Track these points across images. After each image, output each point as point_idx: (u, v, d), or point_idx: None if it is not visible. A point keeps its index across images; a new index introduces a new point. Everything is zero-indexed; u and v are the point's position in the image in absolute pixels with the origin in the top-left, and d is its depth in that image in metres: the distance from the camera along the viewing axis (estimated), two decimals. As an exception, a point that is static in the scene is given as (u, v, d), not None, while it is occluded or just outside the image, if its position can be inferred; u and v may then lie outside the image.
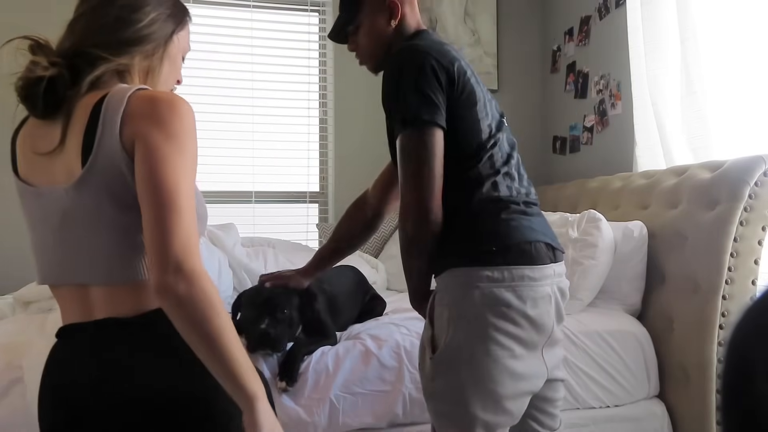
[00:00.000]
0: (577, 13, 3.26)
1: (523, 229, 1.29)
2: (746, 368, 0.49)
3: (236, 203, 3.31)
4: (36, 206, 0.98)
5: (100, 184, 0.91)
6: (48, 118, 0.95)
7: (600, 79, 3.06)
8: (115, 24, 0.99)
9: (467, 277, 1.26)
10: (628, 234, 2.21)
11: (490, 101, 1.40)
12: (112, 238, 0.93)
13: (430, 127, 1.26)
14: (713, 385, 1.89)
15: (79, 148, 0.91)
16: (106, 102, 0.92)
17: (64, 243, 0.96)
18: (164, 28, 1.05)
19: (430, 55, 1.29)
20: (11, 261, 2.94)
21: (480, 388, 1.25)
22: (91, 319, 0.96)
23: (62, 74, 0.93)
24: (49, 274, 1.00)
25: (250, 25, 3.36)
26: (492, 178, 1.31)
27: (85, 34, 0.98)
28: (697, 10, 2.29)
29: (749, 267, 1.90)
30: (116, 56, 0.98)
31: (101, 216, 0.92)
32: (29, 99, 0.93)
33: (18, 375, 1.59)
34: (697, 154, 2.32)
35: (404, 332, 1.94)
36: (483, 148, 1.32)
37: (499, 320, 1.24)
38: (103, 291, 0.95)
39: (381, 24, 1.43)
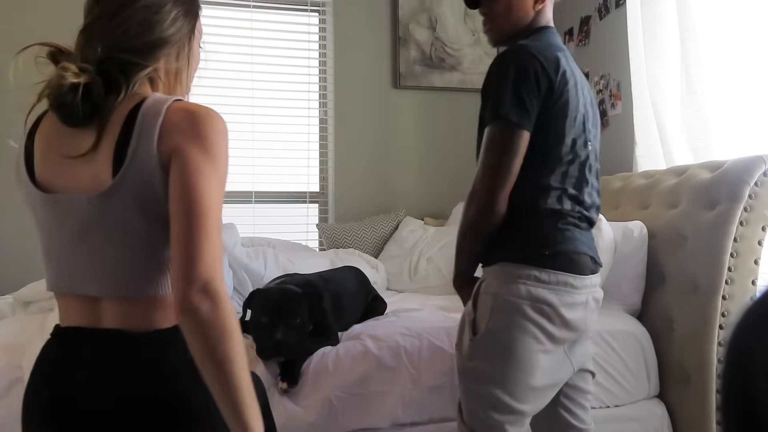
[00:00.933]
0: (577, 13, 3.26)
1: (574, 240, 1.39)
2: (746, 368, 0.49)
3: (236, 203, 3.31)
4: (52, 213, 0.95)
5: (130, 194, 0.89)
6: (84, 126, 0.91)
7: (600, 79, 3.06)
8: (139, 27, 0.95)
9: (517, 272, 1.35)
10: (628, 234, 2.21)
11: (590, 119, 1.46)
12: (134, 251, 0.92)
13: (517, 129, 1.33)
14: (713, 385, 1.89)
15: (111, 157, 0.89)
16: (142, 112, 0.90)
17: (81, 253, 0.93)
18: (185, 25, 1.03)
19: (537, 60, 1.34)
20: (11, 261, 2.94)
21: (511, 375, 1.35)
22: (99, 327, 0.94)
23: (96, 81, 0.90)
24: (60, 283, 0.98)
25: (250, 25, 3.36)
26: (558, 192, 1.39)
27: (110, 40, 0.93)
28: (697, 10, 2.29)
29: (749, 267, 1.90)
30: (147, 61, 0.95)
31: (127, 227, 0.90)
32: (64, 107, 0.90)
33: (18, 375, 1.59)
34: (697, 154, 2.32)
35: (404, 332, 1.94)
36: (560, 161, 1.38)
37: (537, 315, 1.34)
38: (115, 303, 0.93)
39: (527, 4, 1.47)
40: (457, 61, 3.54)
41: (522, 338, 1.34)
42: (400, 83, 3.48)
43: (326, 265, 2.72)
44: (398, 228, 3.28)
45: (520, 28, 1.47)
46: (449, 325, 1.98)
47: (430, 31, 3.53)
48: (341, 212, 3.43)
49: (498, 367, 1.35)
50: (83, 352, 0.94)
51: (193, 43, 1.06)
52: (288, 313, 1.74)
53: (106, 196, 0.89)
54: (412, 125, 3.52)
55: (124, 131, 0.89)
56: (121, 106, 0.92)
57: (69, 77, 0.88)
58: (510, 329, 1.34)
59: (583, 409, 1.51)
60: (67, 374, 0.94)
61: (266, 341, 1.72)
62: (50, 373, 0.96)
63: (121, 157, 0.89)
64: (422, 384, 1.85)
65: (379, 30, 3.49)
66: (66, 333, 0.97)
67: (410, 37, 3.49)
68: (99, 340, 0.93)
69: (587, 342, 1.50)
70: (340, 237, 3.21)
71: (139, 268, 0.92)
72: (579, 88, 1.42)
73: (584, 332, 1.45)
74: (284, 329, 1.71)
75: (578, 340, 1.44)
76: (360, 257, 2.95)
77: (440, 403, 1.86)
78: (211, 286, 0.83)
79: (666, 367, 2.09)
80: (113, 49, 0.93)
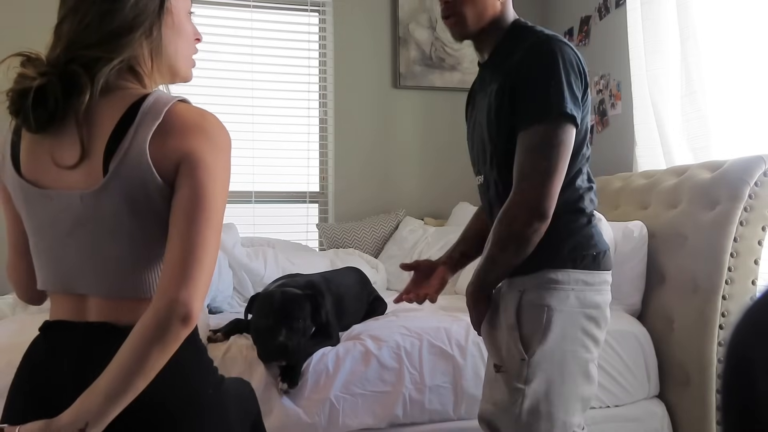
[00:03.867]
0: (577, 13, 3.26)
1: (602, 237, 1.37)
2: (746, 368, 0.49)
3: (236, 203, 3.31)
4: (43, 210, 0.93)
5: (122, 192, 0.88)
6: (43, 131, 0.89)
7: (600, 79, 3.06)
8: (100, 19, 0.90)
9: (564, 278, 1.29)
10: (628, 234, 2.21)
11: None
12: (125, 250, 0.91)
13: (572, 126, 1.23)
14: (713, 385, 1.89)
15: (102, 155, 0.88)
16: (142, 111, 0.88)
17: (71, 251, 0.93)
18: (150, 3, 0.95)
19: (576, 53, 1.27)
20: (11, 261, 2.94)
21: (564, 389, 1.29)
22: (84, 320, 0.94)
23: (51, 83, 0.87)
24: (48, 281, 0.97)
25: (250, 25, 3.36)
26: (589, 191, 1.36)
27: (73, 38, 0.90)
28: (697, 10, 2.29)
29: (749, 267, 1.90)
30: (113, 53, 0.91)
31: (117, 226, 0.90)
32: (20, 113, 0.88)
33: (18, 375, 1.59)
34: (697, 154, 2.32)
35: (404, 332, 1.94)
36: (584, 158, 1.36)
37: (589, 323, 1.30)
38: (102, 300, 0.93)
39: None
40: (457, 61, 3.54)
41: (573, 349, 1.28)
42: (400, 83, 3.48)
43: (326, 265, 2.72)
44: (398, 228, 3.28)
45: (486, 21, 1.36)
46: (449, 325, 1.98)
47: (430, 31, 3.53)
48: (341, 212, 3.43)
49: (553, 383, 1.27)
50: (68, 344, 0.93)
51: (167, 17, 0.97)
52: (290, 316, 1.73)
53: (97, 194, 0.88)
54: (412, 125, 3.52)
55: (117, 129, 0.88)
56: (108, 104, 0.90)
57: (25, 83, 0.86)
58: (563, 342, 1.27)
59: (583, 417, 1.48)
60: (53, 366, 0.93)
61: (268, 345, 1.71)
62: (37, 365, 0.96)
63: (111, 154, 0.87)
64: (422, 384, 1.85)
65: (379, 30, 3.49)
66: (52, 327, 0.97)
67: (410, 37, 3.49)
68: (83, 333, 0.93)
69: None
70: (340, 237, 3.21)
71: (127, 267, 0.92)
72: None
73: None
74: (287, 332, 1.70)
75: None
76: (360, 257, 2.95)
77: (440, 403, 1.86)
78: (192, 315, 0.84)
79: (666, 367, 2.09)
80: (76, 47, 0.90)
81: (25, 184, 0.93)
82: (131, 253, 0.91)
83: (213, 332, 1.81)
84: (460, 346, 1.92)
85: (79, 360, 0.91)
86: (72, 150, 0.89)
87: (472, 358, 1.90)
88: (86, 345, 0.92)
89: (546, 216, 1.22)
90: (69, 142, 0.90)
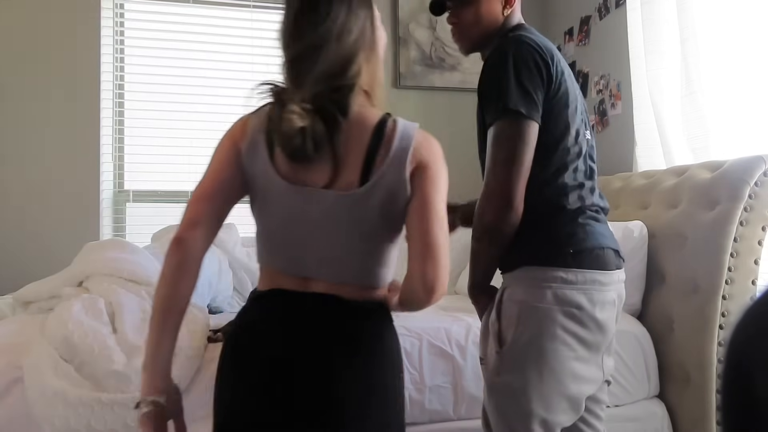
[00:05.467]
0: (577, 13, 3.26)
1: (596, 235, 1.34)
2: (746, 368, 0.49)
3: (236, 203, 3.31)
4: (295, 202, 1.04)
5: (376, 199, 1.02)
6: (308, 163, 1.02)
7: (600, 79, 3.06)
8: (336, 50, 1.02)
9: (542, 275, 1.29)
10: (628, 234, 2.21)
11: (583, 111, 1.43)
12: (366, 245, 1.06)
13: (527, 120, 1.27)
14: (713, 385, 1.89)
15: (360, 167, 1.02)
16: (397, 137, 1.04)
17: (314, 241, 1.05)
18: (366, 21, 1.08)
19: (535, 50, 1.30)
20: (11, 261, 2.94)
21: (543, 386, 1.29)
22: (307, 291, 1.05)
23: (317, 122, 0.99)
24: (276, 261, 1.09)
25: (250, 25, 3.36)
26: (578, 188, 1.35)
27: (318, 72, 1.01)
28: (697, 10, 2.29)
29: (749, 267, 1.90)
30: (352, 79, 1.04)
31: (365, 226, 1.04)
32: (292, 149, 1.00)
33: (18, 375, 1.59)
34: (697, 154, 2.32)
35: (404, 332, 1.94)
36: (570, 153, 1.35)
37: (568, 321, 1.28)
38: (328, 284, 1.06)
39: (495, 9, 1.44)
40: (457, 61, 3.54)
41: (553, 347, 1.28)
42: (400, 83, 3.48)
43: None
44: (398, 228, 3.27)
45: (490, 34, 1.44)
46: (449, 325, 1.98)
47: (430, 31, 3.53)
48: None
49: (530, 379, 1.29)
50: (289, 305, 1.05)
51: (376, 32, 1.11)
52: None
53: (353, 198, 1.02)
54: (412, 125, 3.51)
55: (371, 145, 1.03)
56: (358, 124, 1.04)
57: (296, 121, 0.97)
58: (539, 338, 1.28)
59: (600, 420, 1.45)
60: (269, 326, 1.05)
61: None
62: (252, 326, 1.07)
63: (369, 166, 1.02)
64: (422, 384, 1.85)
65: (379, 30, 3.49)
66: (270, 293, 1.08)
67: (410, 37, 3.50)
68: (306, 299, 1.04)
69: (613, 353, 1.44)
70: (340, 237, 3.21)
71: (362, 258, 1.06)
72: (573, 81, 1.40)
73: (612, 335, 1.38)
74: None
75: (610, 350, 1.38)
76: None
77: (440, 403, 1.86)
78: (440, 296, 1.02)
79: (666, 367, 2.09)
80: (321, 82, 1.01)
81: (279, 180, 1.04)
82: (368, 248, 1.06)
83: (213, 332, 1.81)
84: (460, 346, 1.92)
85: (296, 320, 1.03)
86: (327, 170, 1.03)
87: (472, 358, 1.90)
88: (311, 308, 1.04)
89: (510, 203, 1.27)
90: (325, 162, 1.03)
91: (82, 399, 1.53)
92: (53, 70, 3.06)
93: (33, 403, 1.54)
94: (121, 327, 1.70)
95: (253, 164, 1.07)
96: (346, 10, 1.04)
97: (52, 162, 3.05)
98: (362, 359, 1.04)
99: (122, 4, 3.28)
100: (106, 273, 1.93)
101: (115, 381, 1.56)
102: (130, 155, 3.26)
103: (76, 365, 1.59)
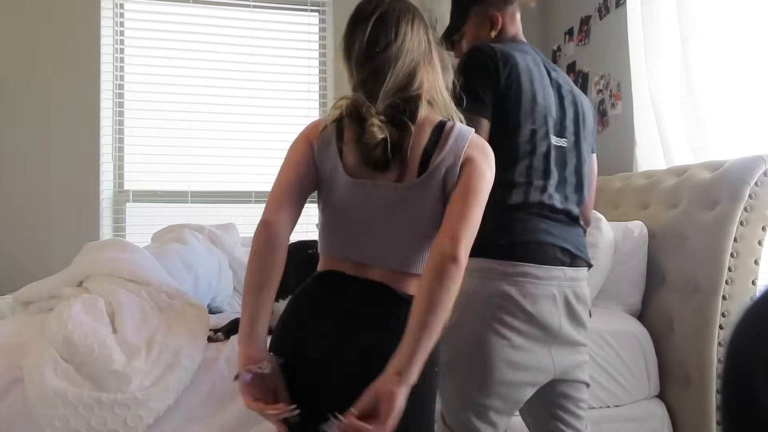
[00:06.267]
0: (577, 13, 3.26)
1: (537, 231, 1.37)
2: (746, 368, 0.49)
3: (236, 203, 3.31)
4: (358, 194, 1.16)
5: (429, 190, 1.13)
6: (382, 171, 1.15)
7: (600, 79, 3.06)
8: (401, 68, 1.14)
9: (475, 265, 1.30)
10: (628, 234, 2.21)
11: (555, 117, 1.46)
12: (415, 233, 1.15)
13: (474, 115, 1.35)
14: (713, 385, 1.89)
15: (418, 163, 1.13)
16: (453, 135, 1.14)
17: (376, 230, 1.15)
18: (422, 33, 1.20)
19: (484, 53, 1.42)
20: (11, 261, 2.94)
21: (477, 370, 1.35)
22: (363, 277, 1.14)
23: (393, 133, 1.11)
24: (337, 248, 1.19)
25: (250, 25, 3.36)
26: (524, 186, 1.38)
27: (386, 89, 1.13)
28: (697, 10, 2.29)
29: (749, 267, 1.90)
30: (416, 90, 1.15)
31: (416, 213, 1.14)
32: (373, 159, 1.13)
33: (18, 375, 1.59)
34: (697, 154, 2.32)
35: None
36: (519, 151, 1.39)
37: (497, 311, 1.33)
38: (384, 271, 1.15)
39: (483, 34, 1.57)
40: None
41: (485, 335, 1.33)
42: (400, 83, 3.47)
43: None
44: (398, 228, 3.27)
45: None
46: (449, 325, 1.98)
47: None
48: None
49: (464, 362, 1.35)
50: (344, 287, 1.15)
51: (433, 48, 1.22)
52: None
53: (411, 187, 1.13)
54: (412, 125, 3.52)
55: (429, 141, 1.14)
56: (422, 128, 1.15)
57: (377, 133, 1.10)
58: (473, 325, 1.34)
59: (578, 418, 1.48)
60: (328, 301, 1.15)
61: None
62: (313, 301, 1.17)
63: (427, 159, 1.13)
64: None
65: (379, 30, 3.49)
66: (330, 273, 1.18)
67: (410, 37, 3.49)
68: (359, 283, 1.15)
69: (576, 352, 1.45)
70: (340, 237, 3.21)
71: (416, 247, 1.15)
72: (544, 85, 1.45)
73: (565, 335, 1.39)
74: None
75: (567, 345, 1.40)
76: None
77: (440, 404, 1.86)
78: (466, 251, 1.07)
79: (666, 367, 2.09)
80: (392, 95, 1.13)
81: (345, 176, 1.16)
82: (419, 236, 1.15)
83: (213, 332, 1.81)
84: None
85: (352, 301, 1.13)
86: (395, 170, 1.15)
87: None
88: (361, 291, 1.14)
89: None
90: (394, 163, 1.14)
91: (82, 399, 1.53)
92: (53, 70, 3.06)
93: (33, 403, 1.54)
94: (121, 327, 1.70)
95: (324, 160, 1.19)
96: (410, 30, 1.17)
97: (52, 162, 3.05)
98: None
99: (122, 4, 3.28)
100: (106, 273, 1.93)
101: (115, 381, 1.56)
102: (130, 155, 3.26)
103: (76, 365, 1.59)
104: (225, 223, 2.81)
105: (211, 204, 3.29)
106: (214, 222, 2.77)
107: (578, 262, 1.43)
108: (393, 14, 1.16)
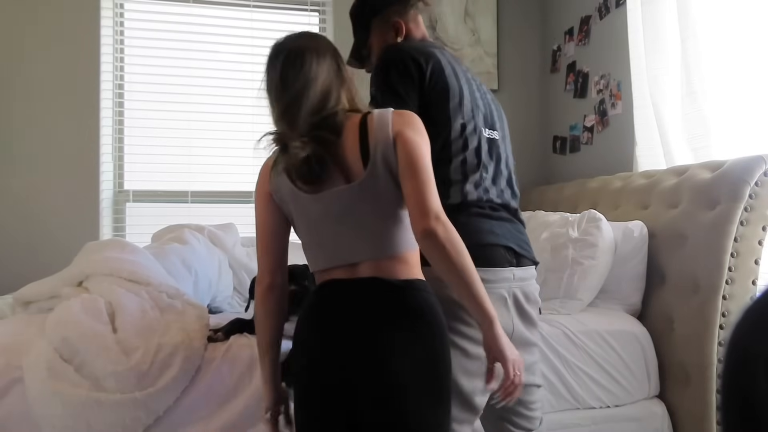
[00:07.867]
0: (577, 13, 3.26)
1: (480, 232, 1.35)
2: (746, 367, 0.49)
3: (236, 203, 3.31)
4: (319, 207, 1.23)
5: (380, 173, 1.20)
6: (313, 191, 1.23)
7: (600, 79, 3.06)
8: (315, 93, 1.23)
9: (427, 275, 1.26)
10: (628, 234, 2.21)
11: (485, 109, 1.46)
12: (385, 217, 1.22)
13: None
14: (713, 385, 1.89)
15: (359, 157, 1.21)
16: (376, 122, 1.22)
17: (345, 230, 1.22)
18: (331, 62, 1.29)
19: (404, 51, 1.41)
20: (11, 261, 2.94)
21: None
22: (356, 277, 1.22)
23: (316, 149, 1.19)
24: (324, 261, 1.26)
25: (250, 25, 3.36)
26: (460, 183, 1.36)
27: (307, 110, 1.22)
28: (697, 10, 2.29)
29: (749, 267, 1.90)
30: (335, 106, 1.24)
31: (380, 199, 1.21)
32: (302, 176, 1.21)
33: (18, 375, 1.59)
34: (697, 154, 2.32)
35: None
36: (450, 145, 1.38)
37: (451, 320, 1.29)
38: (371, 263, 1.21)
39: (390, 42, 1.57)
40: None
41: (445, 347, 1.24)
42: (400, 83, 3.47)
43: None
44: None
45: None
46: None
47: (430, 31, 3.52)
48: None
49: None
50: (343, 294, 1.23)
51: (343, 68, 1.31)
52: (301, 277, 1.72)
53: (364, 181, 1.20)
54: (412, 125, 3.52)
55: (360, 137, 1.21)
56: (350, 131, 1.23)
57: (299, 153, 1.18)
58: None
59: (529, 420, 1.46)
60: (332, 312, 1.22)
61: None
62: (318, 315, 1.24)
63: (365, 152, 1.20)
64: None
65: (379, 30, 3.49)
66: (327, 284, 1.25)
67: (410, 37, 3.49)
68: (356, 285, 1.22)
69: (527, 353, 1.41)
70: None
71: (389, 231, 1.22)
72: (466, 81, 1.46)
73: (518, 335, 1.36)
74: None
75: (520, 346, 1.34)
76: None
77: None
78: (441, 216, 1.15)
79: (666, 367, 2.09)
80: (310, 117, 1.22)
81: (302, 194, 1.23)
82: (389, 218, 1.22)
83: (213, 332, 1.81)
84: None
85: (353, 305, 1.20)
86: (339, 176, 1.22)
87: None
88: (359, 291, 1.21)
89: None
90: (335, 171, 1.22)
91: (81, 399, 1.53)
92: (53, 70, 3.06)
93: (32, 403, 1.54)
94: (121, 327, 1.70)
95: (282, 198, 1.29)
96: (315, 60, 1.25)
97: (52, 162, 3.05)
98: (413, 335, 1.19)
99: (122, 4, 3.28)
100: (106, 273, 1.92)
101: (115, 381, 1.56)
102: (130, 155, 3.26)
103: (75, 365, 1.59)
104: (225, 223, 2.81)
105: (211, 204, 3.29)
106: (214, 222, 2.77)
107: (524, 262, 1.40)
108: (299, 51, 1.26)
